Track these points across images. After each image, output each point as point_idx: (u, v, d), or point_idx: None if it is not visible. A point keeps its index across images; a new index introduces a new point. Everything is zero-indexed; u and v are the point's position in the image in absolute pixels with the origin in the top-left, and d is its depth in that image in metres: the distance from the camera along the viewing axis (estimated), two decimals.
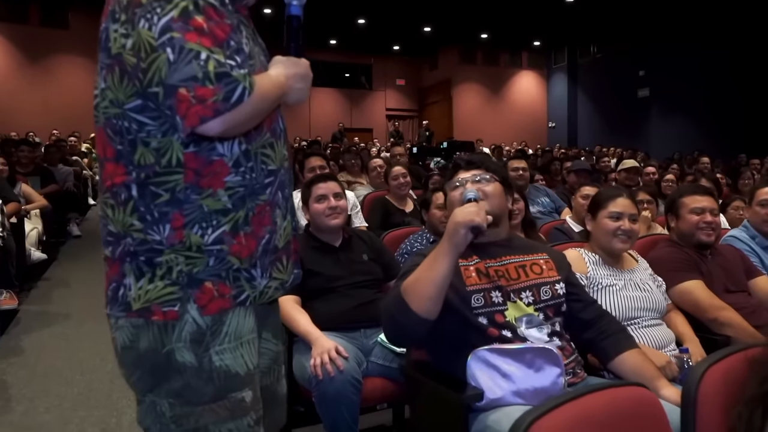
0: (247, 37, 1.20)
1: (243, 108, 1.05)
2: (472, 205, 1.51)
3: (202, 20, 1.05)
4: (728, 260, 2.42)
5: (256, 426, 1.23)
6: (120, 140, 1.12)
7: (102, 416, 2.64)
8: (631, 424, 1.10)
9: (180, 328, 1.13)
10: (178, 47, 1.02)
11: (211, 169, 1.13)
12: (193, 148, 1.11)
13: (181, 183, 1.11)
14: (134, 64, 1.06)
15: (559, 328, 1.71)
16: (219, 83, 1.02)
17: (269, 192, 1.22)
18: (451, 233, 1.48)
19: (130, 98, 1.09)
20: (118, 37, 1.08)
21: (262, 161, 1.21)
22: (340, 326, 2.17)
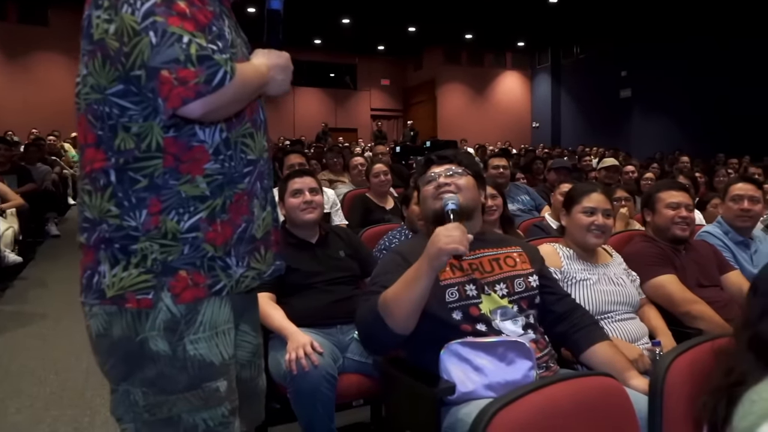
0: (230, 27, 1.20)
1: (224, 91, 1.05)
2: (456, 227, 1.48)
3: (184, 5, 1.05)
4: (702, 255, 2.44)
5: (230, 416, 1.22)
6: (101, 126, 1.12)
7: (75, 415, 2.60)
8: (596, 413, 1.11)
9: (154, 317, 1.12)
10: (161, 31, 1.02)
11: (191, 155, 1.13)
12: (173, 132, 1.11)
13: (159, 168, 1.11)
14: (117, 48, 1.06)
15: (533, 321, 1.72)
16: (201, 66, 1.03)
17: (248, 181, 1.22)
18: (433, 257, 1.45)
19: (112, 83, 1.09)
20: (101, 23, 1.08)
21: (242, 150, 1.21)
22: (317, 322, 2.16)
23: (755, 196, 2.70)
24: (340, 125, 19.16)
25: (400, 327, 1.52)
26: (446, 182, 1.73)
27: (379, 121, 18.68)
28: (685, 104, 13.87)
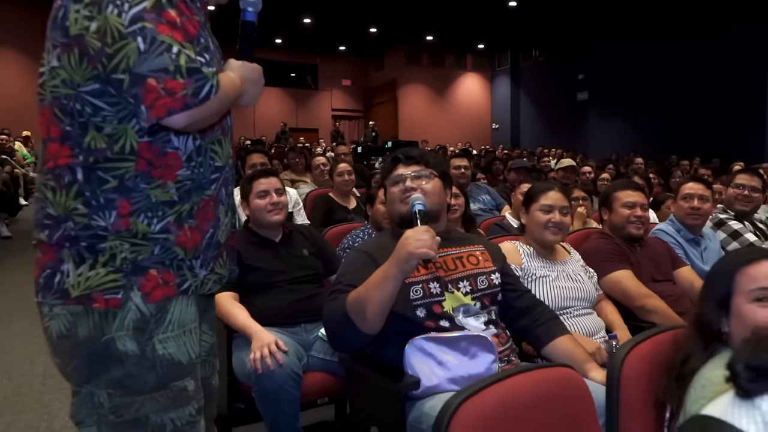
0: (209, 34, 1.20)
1: (208, 105, 1.05)
2: (425, 231, 1.50)
3: (175, 14, 1.04)
4: (656, 252, 2.53)
5: (197, 415, 1.22)
6: (70, 121, 1.09)
7: (31, 420, 2.53)
8: (556, 403, 1.15)
9: (122, 316, 1.11)
10: (150, 37, 1.01)
11: (164, 161, 1.12)
12: (148, 138, 1.10)
13: (131, 171, 1.10)
14: (98, 48, 1.03)
15: (495, 317, 1.76)
16: (190, 78, 1.02)
17: (214, 188, 1.22)
18: (402, 260, 1.46)
19: (88, 81, 1.07)
20: (80, 18, 1.05)
21: (211, 157, 1.21)
22: (281, 321, 2.16)
23: (704, 195, 2.81)
24: (301, 125, 19.08)
25: (369, 327, 1.54)
26: (413, 186, 1.74)
27: (337, 122, 18.69)
28: (640, 107, 14.31)
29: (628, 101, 14.65)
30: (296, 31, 16.22)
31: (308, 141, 16.35)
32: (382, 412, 1.60)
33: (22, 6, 12.99)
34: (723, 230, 3.10)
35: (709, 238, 2.94)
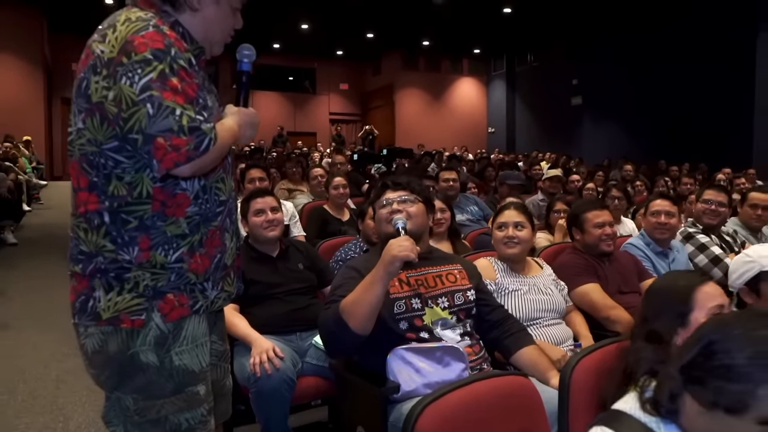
0: (206, 89, 1.41)
1: (208, 155, 1.27)
2: (406, 240, 1.72)
3: (176, 81, 1.25)
4: (623, 265, 2.75)
5: (208, 415, 1.43)
6: (96, 173, 1.30)
7: (47, 422, 2.72)
8: (510, 406, 1.36)
9: (145, 334, 1.32)
10: (157, 104, 1.21)
11: (175, 200, 1.33)
12: (160, 183, 1.31)
13: (149, 212, 1.31)
14: (115, 113, 1.24)
15: (470, 329, 1.97)
16: (191, 135, 1.23)
17: (220, 219, 1.44)
18: (387, 263, 1.68)
19: (109, 140, 1.28)
20: (99, 88, 1.26)
21: (215, 193, 1.42)
22: (278, 330, 2.36)
23: (671, 212, 3.02)
24: (299, 129, 19.25)
25: (360, 327, 1.73)
26: (398, 209, 1.96)
27: (338, 125, 18.87)
28: (632, 112, 14.50)
29: (621, 106, 14.86)
30: (294, 36, 16.39)
31: (306, 145, 16.54)
32: (367, 413, 1.80)
33: (21, 11, 13.15)
34: (691, 243, 3.31)
35: (678, 250, 3.15)
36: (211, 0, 1.42)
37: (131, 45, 1.23)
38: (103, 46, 1.26)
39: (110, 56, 1.24)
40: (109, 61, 1.24)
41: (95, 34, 1.32)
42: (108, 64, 1.25)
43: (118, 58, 1.23)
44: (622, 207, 4.39)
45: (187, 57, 1.31)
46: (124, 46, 1.23)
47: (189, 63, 1.31)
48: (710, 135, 12.24)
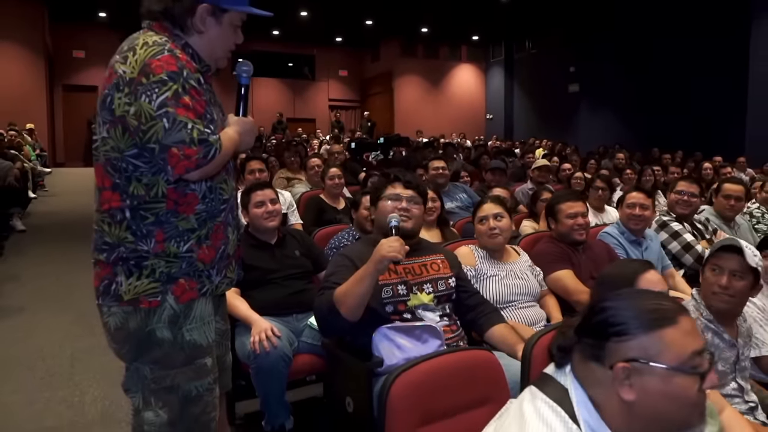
0: (212, 104, 1.62)
1: (214, 162, 1.50)
2: (395, 241, 1.93)
3: (188, 99, 1.47)
4: (596, 253, 2.96)
5: (214, 384, 1.68)
6: (118, 176, 1.53)
7: (65, 395, 2.96)
8: (473, 375, 1.57)
9: (160, 313, 1.56)
10: (171, 119, 1.44)
11: (186, 200, 1.56)
12: (173, 185, 1.54)
13: (163, 210, 1.54)
14: (135, 125, 1.46)
15: (448, 311, 2.19)
16: (200, 146, 1.46)
17: (223, 215, 1.67)
18: (376, 262, 1.90)
19: (129, 148, 1.50)
20: (122, 104, 1.48)
21: (219, 192, 1.65)
22: (275, 311, 2.58)
23: (645, 204, 3.23)
24: (298, 116, 19.37)
25: (350, 314, 1.95)
26: (407, 207, 2.17)
27: (337, 112, 19.00)
28: (628, 100, 14.61)
29: (617, 94, 14.97)
30: (293, 23, 16.45)
31: (305, 131, 16.70)
32: (355, 386, 2.01)
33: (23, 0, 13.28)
34: (665, 231, 3.52)
35: (651, 239, 3.36)
36: (215, 22, 1.63)
37: (149, 67, 1.45)
38: (124, 67, 1.48)
39: (131, 76, 1.46)
40: (130, 81, 1.46)
41: (117, 55, 1.53)
42: (129, 83, 1.46)
43: (138, 78, 1.45)
44: (605, 197, 4.60)
45: (197, 77, 1.54)
46: (143, 68, 1.45)
47: (198, 82, 1.53)
48: (705, 123, 12.38)
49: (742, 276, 1.89)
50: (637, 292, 1.16)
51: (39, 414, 2.77)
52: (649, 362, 0.98)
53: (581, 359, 1.06)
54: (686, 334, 1.00)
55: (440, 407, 1.48)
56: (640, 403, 0.99)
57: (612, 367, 0.99)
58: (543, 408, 1.04)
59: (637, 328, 1.00)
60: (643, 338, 0.99)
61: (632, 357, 0.99)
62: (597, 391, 1.03)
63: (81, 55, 16.07)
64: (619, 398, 1.00)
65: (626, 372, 0.98)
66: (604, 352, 1.01)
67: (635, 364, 0.98)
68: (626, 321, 1.01)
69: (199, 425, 1.66)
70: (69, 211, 8.57)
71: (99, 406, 2.86)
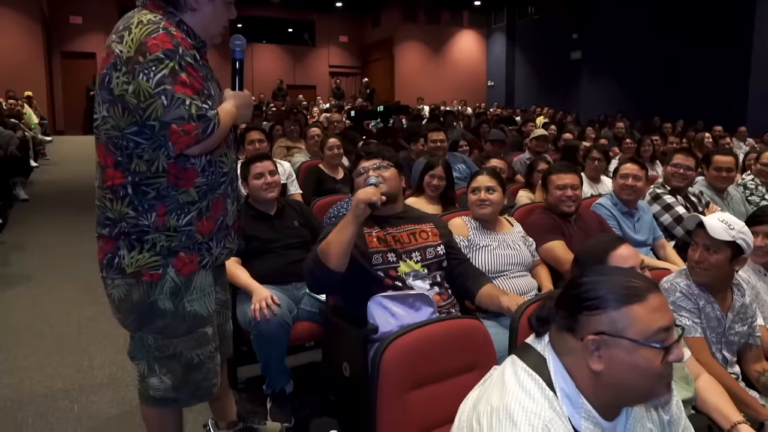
0: (209, 79, 1.66)
1: (213, 137, 1.55)
2: (370, 187, 2.01)
3: (185, 76, 1.51)
4: (588, 224, 3.03)
5: (215, 352, 1.77)
6: (120, 153, 1.58)
7: (74, 360, 3.08)
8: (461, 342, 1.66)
9: (162, 285, 1.63)
10: (170, 96, 1.48)
11: (186, 174, 1.61)
12: (173, 160, 1.59)
13: (164, 184, 1.59)
14: (135, 104, 1.50)
15: (439, 279, 2.26)
16: (199, 121, 1.50)
17: (223, 187, 1.73)
18: (354, 207, 1.96)
19: (130, 126, 1.54)
20: (120, 83, 1.51)
21: (219, 166, 1.70)
22: (275, 280, 2.66)
23: (638, 175, 3.28)
24: (298, 82, 19.24)
25: (334, 264, 1.99)
26: (374, 175, 2.23)
27: (337, 78, 18.87)
28: (630, 68, 14.50)
29: (619, 62, 14.84)
30: None
31: (306, 98, 16.62)
32: (351, 352, 2.09)
33: None
34: (658, 203, 3.58)
35: (643, 210, 3.42)
36: (207, 0, 1.65)
37: (145, 46, 1.49)
38: (121, 47, 1.51)
39: (128, 55, 1.50)
40: (127, 60, 1.50)
41: (113, 35, 1.57)
42: (127, 62, 1.50)
43: (135, 57, 1.49)
44: (601, 167, 4.63)
45: (192, 54, 1.58)
46: (140, 47, 1.49)
47: (194, 59, 1.57)
48: (707, 92, 12.32)
49: (715, 250, 1.94)
50: (612, 270, 1.23)
51: (50, 378, 2.89)
52: (616, 335, 1.05)
53: (557, 330, 1.14)
54: (653, 311, 1.06)
55: (430, 372, 1.57)
56: (607, 373, 1.06)
57: (583, 339, 1.07)
58: (522, 375, 1.12)
59: (608, 303, 1.07)
60: (612, 313, 1.06)
61: (601, 330, 1.06)
62: (569, 359, 1.11)
63: (78, 21, 15.89)
64: (589, 368, 1.07)
65: (595, 344, 1.06)
66: (576, 324, 1.09)
67: (604, 337, 1.05)
68: (598, 296, 1.08)
69: (201, 390, 1.76)
70: (71, 180, 8.62)
71: (107, 370, 2.97)
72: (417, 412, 1.54)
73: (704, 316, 1.98)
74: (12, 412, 2.57)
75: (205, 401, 1.91)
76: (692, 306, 1.97)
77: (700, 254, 1.97)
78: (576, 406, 1.09)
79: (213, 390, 1.81)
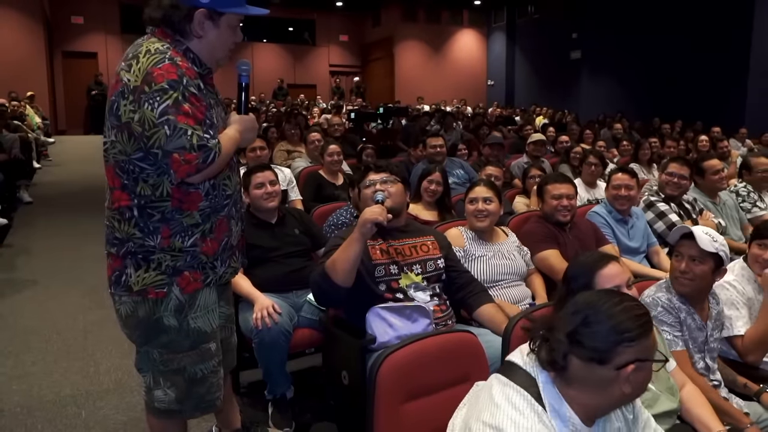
0: (213, 106, 1.73)
1: (214, 164, 1.62)
2: (377, 207, 2.09)
3: (188, 107, 1.58)
4: (582, 232, 3.10)
5: (218, 366, 1.85)
6: (126, 177, 1.66)
7: (81, 366, 3.15)
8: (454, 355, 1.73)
9: (167, 303, 1.71)
10: (172, 126, 1.55)
11: (190, 198, 1.69)
12: (178, 184, 1.66)
13: (169, 207, 1.67)
14: (140, 132, 1.58)
15: (438, 291, 2.34)
16: (200, 151, 1.57)
17: (226, 209, 1.80)
18: (361, 225, 2.05)
19: (135, 151, 1.62)
20: (127, 111, 1.59)
21: (222, 188, 1.78)
22: (276, 288, 2.73)
23: (630, 185, 3.36)
24: (299, 82, 19.27)
25: (341, 280, 2.08)
26: (381, 189, 2.32)
27: (337, 77, 18.92)
28: (630, 68, 14.53)
29: (619, 62, 14.88)
30: None
31: (307, 97, 16.68)
32: (350, 361, 2.16)
33: None
34: (652, 211, 3.66)
35: (637, 217, 3.50)
36: (212, 26, 1.72)
37: (151, 76, 1.56)
38: (129, 75, 1.59)
39: (135, 84, 1.57)
40: (134, 89, 1.57)
41: (122, 62, 1.64)
42: (133, 91, 1.57)
43: (141, 86, 1.56)
44: (598, 172, 4.71)
45: (197, 83, 1.64)
46: (146, 77, 1.56)
47: (198, 88, 1.64)
48: (706, 92, 12.35)
49: (700, 261, 2.02)
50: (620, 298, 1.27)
51: (57, 384, 2.97)
52: (647, 360, 1.19)
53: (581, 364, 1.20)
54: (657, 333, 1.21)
55: (424, 385, 1.65)
56: (630, 392, 1.18)
57: (620, 368, 1.17)
58: (511, 393, 1.20)
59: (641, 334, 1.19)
60: (644, 341, 1.19)
61: (637, 358, 1.17)
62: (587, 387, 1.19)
63: (80, 21, 15.95)
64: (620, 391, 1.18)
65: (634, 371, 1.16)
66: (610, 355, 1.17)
67: (639, 363, 1.17)
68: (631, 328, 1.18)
69: (204, 403, 1.84)
70: (74, 181, 8.67)
71: (113, 375, 3.05)
72: (413, 422, 1.61)
73: (686, 328, 2.05)
74: (22, 417, 2.64)
75: (209, 413, 1.99)
76: (673, 320, 2.04)
77: (686, 265, 2.04)
78: (564, 420, 1.18)
79: (216, 403, 1.88)
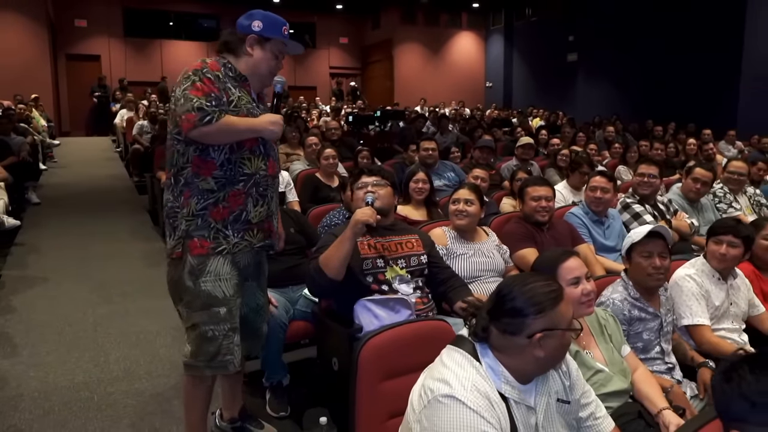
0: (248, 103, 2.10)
1: (210, 127, 1.94)
2: (368, 209, 2.33)
3: (199, 84, 1.96)
4: (559, 232, 3.32)
5: (230, 332, 2.12)
6: (168, 153, 2.08)
7: (92, 356, 3.39)
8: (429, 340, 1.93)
9: (183, 264, 2.04)
10: (185, 97, 1.94)
11: (206, 165, 2.03)
12: (198, 153, 2.02)
13: (189, 172, 2.03)
14: (173, 109, 2.00)
15: (421, 284, 2.56)
16: (198, 112, 1.93)
17: (242, 185, 2.09)
18: (352, 225, 2.29)
19: (174, 128, 2.03)
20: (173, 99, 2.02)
21: (239, 165, 2.08)
22: (273, 284, 2.93)
23: (606, 188, 3.58)
24: (299, 84, 19.43)
25: (333, 273, 2.32)
26: (372, 191, 2.55)
27: (337, 79, 19.13)
28: (624, 71, 14.71)
29: (615, 64, 15.07)
30: None
31: (307, 99, 16.89)
32: (339, 348, 2.37)
33: None
34: (627, 212, 3.88)
35: (613, 218, 3.72)
36: (260, 48, 2.14)
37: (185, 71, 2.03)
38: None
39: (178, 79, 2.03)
40: (178, 82, 2.02)
41: None
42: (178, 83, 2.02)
43: (179, 80, 2.02)
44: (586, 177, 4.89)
45: (216, 74, 2.02)
46: (183, 73, 2.04)
47: (216, 77, 2.01)
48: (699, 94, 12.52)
49: (666, 256, 2.28)
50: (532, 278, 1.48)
51: (71, 371, 3.20)
52: (555, 329, 1.39)
53: (499, 334, 1.42)
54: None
55: (400, 366, 1.86)
56: (546, 356, 1.40)
57: (531, 337, 1.38)
58: (456, 355, 1.45)
59: (545, 306, 1.39)
60: (550, 313, 1.39)
61: (545, 327, 1.38)
62: (509, 352, 1.41)
63: (83, 24, 16.17)
64: (533, 356, 1.39)
65: (542, 338, 1.37)
66: (521, 327, 1.39)
67: (547, 332, 1.38)
68: (538, 302, 1.39)
69: (215, 362, 2.12)
70: (79, 183, 8.89)
71: (122, 365, 3.28)
72: (389, 399, 1.83)
73: (639, 323, 2.27)
74: (40, 401, 2.88)
75: (221, 373, 2.23)
76: (622, 318, 2.26)
77: (660, 261, 2.26)
78: (497, 374, 1.41)
79: (228, 366, 2.15)
